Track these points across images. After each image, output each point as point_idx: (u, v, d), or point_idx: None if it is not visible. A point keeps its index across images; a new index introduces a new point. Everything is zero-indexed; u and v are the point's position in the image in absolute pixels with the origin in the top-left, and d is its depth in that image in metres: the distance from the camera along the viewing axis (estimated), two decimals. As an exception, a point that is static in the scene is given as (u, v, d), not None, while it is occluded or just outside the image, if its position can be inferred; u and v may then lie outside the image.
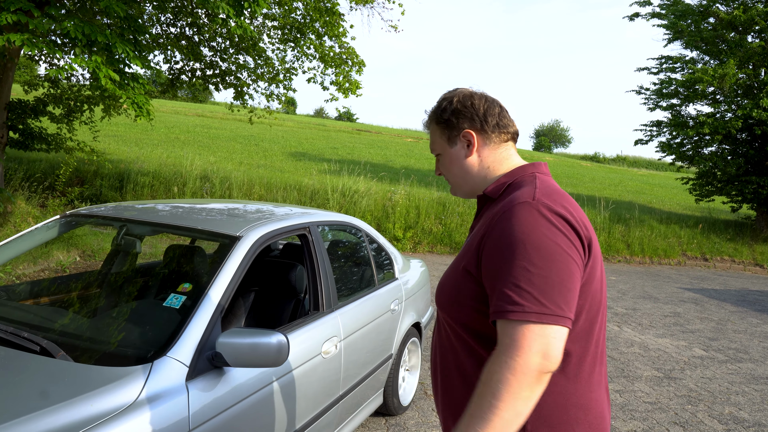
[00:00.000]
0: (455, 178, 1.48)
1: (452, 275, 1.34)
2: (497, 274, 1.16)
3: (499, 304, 1.13)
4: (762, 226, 15.63)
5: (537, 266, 1.11)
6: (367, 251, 3.49)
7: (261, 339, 1.90)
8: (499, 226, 1.20)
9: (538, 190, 1.25)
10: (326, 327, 2.66)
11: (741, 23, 14.39)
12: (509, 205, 1.23)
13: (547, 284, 1.11)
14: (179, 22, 9.25)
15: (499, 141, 1.43)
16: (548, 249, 1.13)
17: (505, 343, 1.10)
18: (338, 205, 12.19)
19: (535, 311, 1.09)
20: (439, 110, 1.47)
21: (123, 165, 12.87)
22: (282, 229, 2.65)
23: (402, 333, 3.59)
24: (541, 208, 1.18)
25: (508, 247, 1.16)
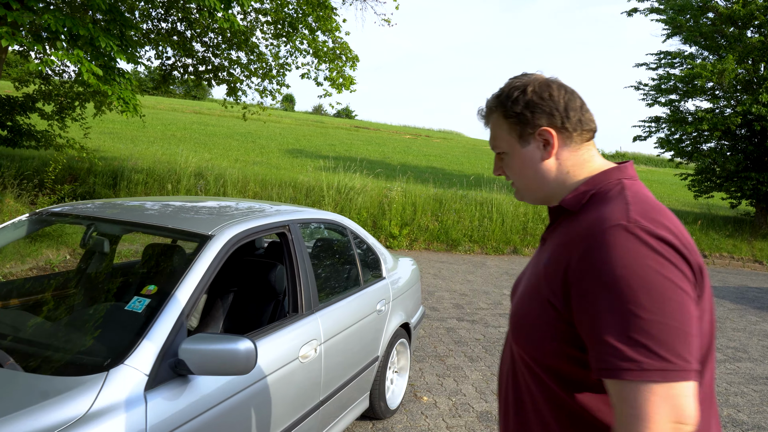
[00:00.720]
0: (527, 182, 1.24)
1: (530, 307, 1.12)
2: (598, 320, 0.95)
3: (608, 359, 0.93)
4: (761, 223, 15.51)
5: (648, 310, 0.91)
6: (352, 250, 3.37)
7: (226, 345, 1.78)
8: (591, 257, 0.99)
9: (631, 207, 1.02)
10: (305, 330, 2.54)
11: (740, 18, 14.24)
12: (598, 228, 1.01)
13: (663, 331, 0.91)
14: (170, 17, 9.11)
15: (580, 140, 1.20)
16: (658, 286, 0.93)
17: (626, 414, 0.92)
18: (334, 202, 12.07)
19: (657, 368, 0.90)
20: (508, 100, 1.20)
21: (117, 162, 12.75)
22: (258, 228, 2.53)
23: (389, 334, 3.48)
24: (639, 232, 0.97)
25: (606, 286, 0.95)
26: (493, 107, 1.24)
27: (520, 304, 1.18)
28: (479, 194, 13.35)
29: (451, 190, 13.78)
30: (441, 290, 7.68)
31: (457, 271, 9.33)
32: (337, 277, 3.27)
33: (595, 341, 0.96)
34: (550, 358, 1.07)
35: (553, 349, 1.06)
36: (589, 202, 1.13)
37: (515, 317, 1.18)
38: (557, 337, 1.05)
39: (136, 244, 7.98)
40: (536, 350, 1.10)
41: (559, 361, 1.06)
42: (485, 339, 5.60)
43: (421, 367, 4.65)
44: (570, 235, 1.08)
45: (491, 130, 1.27)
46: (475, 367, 4.75)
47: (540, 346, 1.09)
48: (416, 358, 4.85)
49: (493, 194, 13.37)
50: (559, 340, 1.05)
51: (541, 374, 1.10)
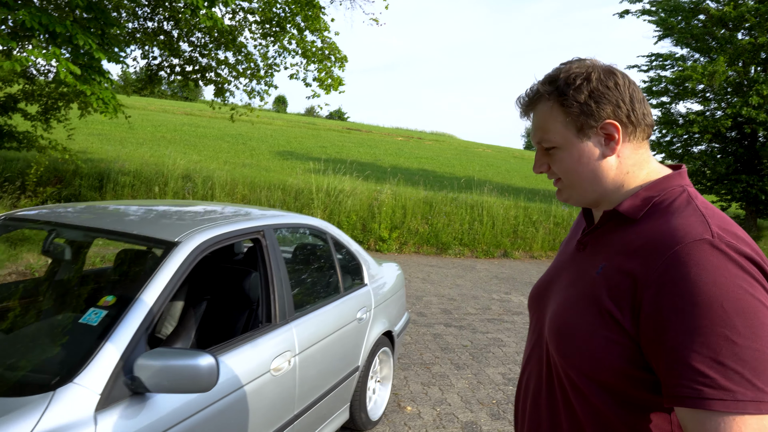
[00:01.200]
0: (580, 181, 1.10)
1: (582, 318, 1.02)
2: (682, 342, 0.86)
3: (693, 386, 0.84)
4: (751, 225, 15.52)
5: (742, 335, 0.83)
6: (332, 256, 3.26)
7: (186, 361, 1.67)
8: (676, 273, 0.89)
9: (710, 221, 0.94)
10: (278, 341, 2.42)
11: (731, 19, 14.26)
12: (679, 243, 0.91)
13: (759, 360, 0.82)
14: (157, 16, 8.97)
15: (642, 137, 1.09)
16: (752, 310, 0.84)
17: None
18: (323, 205, 11.96)
19: (751, 399, 0.81)
20: (569, 88, 1.06)
21: (104, 164, 12.58)
22: (229, 234, 2.41)
23: (371, 343, 3.36)
24: (726, 248, 0.89)
25: (695, 306, 0.86)
26: (546, 94, 1.09)
27: (565, 314, 1.07)
28: (470, 197, 13.27)
29: (442, 192, 13.69)
30: (429, 295, 7.57)
31: (447, 275, 9.23)
32: (316, 284, 3.16)
33: (675, 365, 0.87)
34: (605, 374, 0.97)
35: (616, 366, 0.96)
36: (651, 209, 1.03)
37: (562, 329, 1.06)
38: (621, 354, 0.95)
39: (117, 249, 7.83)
40: (592, 364, 0.99)
41: (614, 379, 0.97)
42: (472, 345, 5.49)
43: (406, 375, 4.54)
44: (635, 245, 0.99)
45: (538, 120, 1.12)
46: (461, 375, 4.64)
47: (598, 360, 0.98)
48: (401, 365, 4.74)
49: (483, 197, 13.29)
50: (623, 358, 0.95)
51: (589, 392, 1.00)
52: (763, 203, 15.03)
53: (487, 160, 32.23)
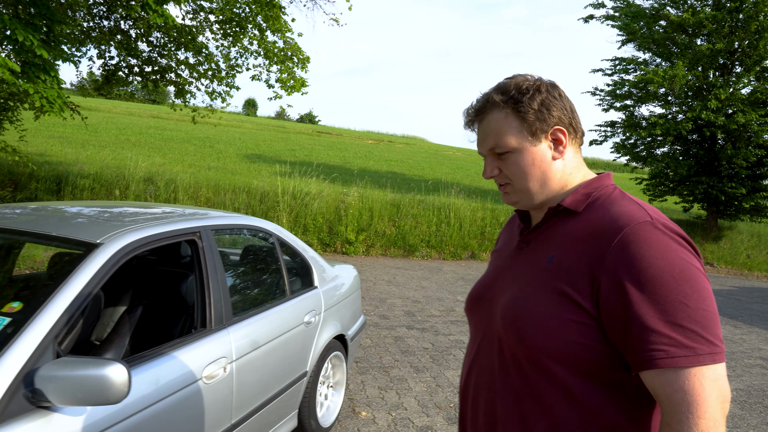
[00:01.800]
0: (531, 183, 1.19)
1: (541, 305, 1.09)
2: (644, 312, 0.97)
3: (661, 348, 0.95)
4: (712, 226, 15.87)
5: (693, 299, 0.96)
6: (278, 258, 3.14)
7: (93, 371, 1.54)
8: (628, 252, 1.00)
9: (646, 208, 1.07)
10: (212, 347, 2.30)
11: (690, 26, 14.58)
12: (626, 225, 1.03)
13: (707, 317, 0.96)
14: (113, 15, 8.72)
15: (579, 143, 1.23)
16: (695, 276, 0.98)
17: (679, 401, 0.93)
18: (289, 208, 11.80)
19: (708, 352, 0.94)
20: (523, 96, 1.16)
21: (62, 167, 12.20)
22: (160, 235, 2.28)
23: (320, 347, 3.26)
24: (664, 229, 1.02)
25: (651, 278, 0.97)
26: (501, 103, 1.18)
27: (521, 304, 1.12)
28: (437, 199, 13.25)
29: (409, 195, 13.65)
30: (393, 297, 7.49)
31: (412, 277, 9.17)
32: (259, 287, 3.04)
33: (641, 333, 0.97)
34: (572, 352, 1.05)
35: (580, 344, 1.04)
36: (590, 203, 1.15)
37: (521, 318, 1.11)
38: (584, 333, 1.04)
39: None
40: (557, 347, 1.05)
41: (581, 356, 1.04)
42: (434, 348, 5.42)
43: (363, 379, 4.44)
44: (583, 232, 1.09)
45: (492, 127, 1.19)
46: (420, 379, 4.56)
47: (562, 342, 1.05)
48: (359, 369, 4.64)
49: (451, 199, 13.28)
50: (586, 336, 1.04)
51: (557, 373, 1.06)
52: (723, 204, 15.37)
53: (457, 162, 32.35)
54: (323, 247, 11.17)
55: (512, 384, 1.13)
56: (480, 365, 1.22)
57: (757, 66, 14.46)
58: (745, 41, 14.32)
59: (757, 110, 13.96)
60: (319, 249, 11.07)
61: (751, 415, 4.51)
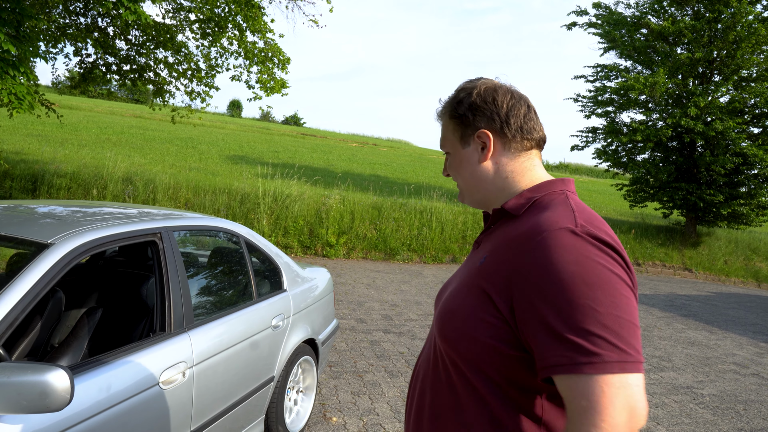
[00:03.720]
0: (465, 183, 1.26)
1: (464, 302, 1.10)
2: (552, 317, 0.94)
3: (566, 354, 0.92)
4: (691, 232, 16.05)
5: (603, 304, 0.92)
6: (245, 260, 3.08)
7: (30, 377, 1.48)
8: (539, 257, 0.98)
9: (577, 214, 1.05)
10: (170, 351, 2.23)
11: (670, 34, 14.76)
12: (545, 230, 1.01)
13: (619, 324, 0.91)
14: (90, 12, 8.58)
15: (521, 148, 1.20)
16: (611, 282, 0.94)
17: (582, 407, 0.90)
18: (270, 210, 11.69)
19: (616, 360, 0.90)
20: (454, 102, 1.24)
21: (38, 165, 11.98)
22: (116, 236, 2.21)
23: (288, 352, 3.19)
24: (586, 236, 0.99)
25: (560, 283, 0.94)
26: (443, 107, 1.28)
27: (450, 300, 1.15)
28: (419, 202, 13.24)
29: (391, 198, 13.62)
30: (372, 301, 7.44)
31: (392, 280, 9.13)
32: (224, 290, 2.97)
33: (548, 338, 0.94)
34: (480, 357, 1.05)
35: (488, 348, 1.04)
36: (532, 207, 1.13)
37: (444, 314, 1.14)
38: (492, 335, 1.03)
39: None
40: (468, 349, 1.07)
41: (489, 361, 1.04)
42: (409, 352, 5.38)
43: (336, 384, 4.38)
44: (512, 236, 1.08)
45: (441, 129, 1.30)
46: (393, 383, 4.52)
47: (472, 344, 1.06)
48: (332, 374, 4.58)
49: (433, 202, 13.27)
50: (493, 338, 1.03)
51: (469, 374, 1.07)
52: (701, 210, 15.55)
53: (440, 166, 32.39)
54: (304, 249, 11.09)
55: (438, 377, 1.15)
56: (423, 356, 1.26)
57: (734, 75, 14.67)
58: (724, 51, 14.53)
59: (735, 118, 14.15)
60: (299, 251, 10.99)
61: (723, 421, 4.53)
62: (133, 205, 3.02)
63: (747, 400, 5.11)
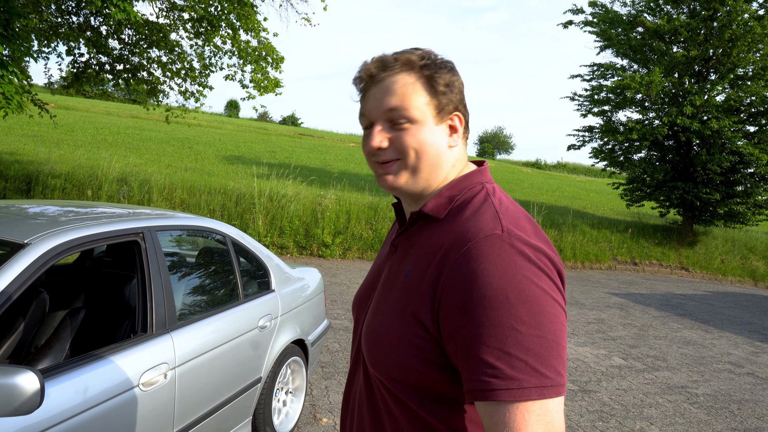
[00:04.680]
0: (423, 164, 1.03)
1: (390, 326, 0.99)
2: (473, 337, 0.86)
3: (483, 379, 0.85)
4: (687, 231, 16.05)
5: (527, 324, 0.85)
6: (231, 260, 3.04)
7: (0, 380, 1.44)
8: (464, 270, 0.90)
9: (502, 216, 0.96)
10: (151, 352, 2.20)
11: (666, 32, 14.75)
12: (471, 240, 0.92)
13: (542, 346, 0.85)
14: (83, 11, 8.54)
15: (467, 136, 1.11)
16: (535, 299, 0.86)
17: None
18: (265, 210, 11.65)
19: (535, 385, 0.83)
20: (438, 68, 1.03)
21: (33, 166, 11.93)
22: (96, 236, 2.18)
23: (276, 352, 3.16)
24: (515, 242, 0.90)
25: (483, 299, 0.86)
26: (417, 66, 1.03)
27: (374, 321, 1.04)
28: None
29: (388, 198, 13.58)
30: (366, 301, 7.40)
31: (387, 280, 9.09)
32: (210, 291, 2.93)
33: (469, 360, 0.87)
34: (414, 380, 0.96)
35: (418, 369, 0.95)
36: (454, 208, 1.03)
37: (370, 336, 1.03)
38: (423, 357, 0.94)
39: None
40: (399, 373, 0.97)
41: (424, 382, 0.95)
42: (402, 352, 5.35)
43: (327, 384, 4.35)
44: (436, 245, 0.98)
45: (395, 88, 1.02)
46: (385, 384, 4.48)
47: (403, 368, 0.96)
48: (324, 374, 4.55)
49: (429, 202, 13.22)
50: (425, 360, 0.94)
51: (403, 396, 0.98)
52: (698, 209, 15.55)
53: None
54: (299, 249, 11.06)
55: (374, 402, 1.06)
56: (356, 379, 1.15)
57: (730, 74, 14.67)
58: (719, 49, 14.52)
59: (731, 117, 14.15)
60: (295, 252, 10.96)
61: (716, 421, 4.50)
62: (119, 205, 2.99)
63: (741, 399, 5.09)
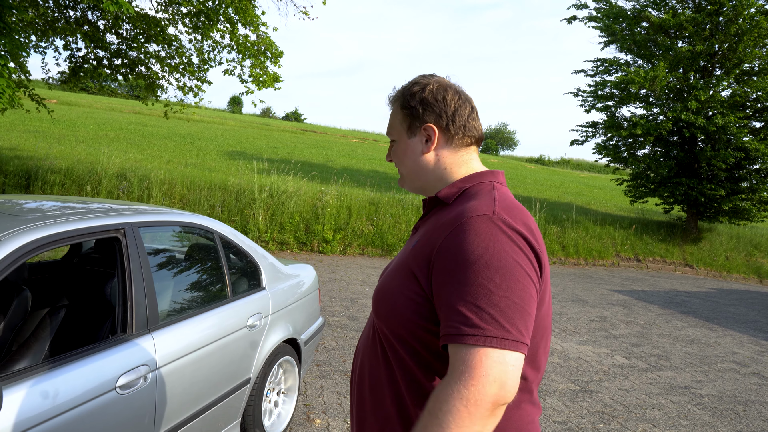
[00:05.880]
0: (407, 170, 1.37)
1: (394, 281, 1.20)
2: (453, 292, 1.04)
3: (455, 325, 1.01)
4: (691, 227, 15.90)
5: (499, 286, 1.01)
6: (219, 257, 2.95)
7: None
8: (455, 239, 1.09)
9: (497, 203, 1.15)
10: (130, 354, 2.11)
11: (671, 27, 14.57)
12: (465, 216, 1.11)
13: (509, 306, 1.00)
14: (80, 5, 8.44)
15: (461, 144, 1.32)
16: (510, 268, 1.03)
17: (459, 370, 0.98)
18: (265, 206, 11.57)
19: (497, 335, 0.98)
20: (407, 94, 1.34)
21: (32, 162, 11.87)
22: (72, 233, 2.08)
23: (266, 352, 3.07)
24: (500, 223, 1.08)
25: (465, 262, 1.04)
26: (396, 96, 1.37)
27: (385, 279, 1.25)
28: (417, 198, 13.10)
29: (389, 193, 13.48)
30: (365, 297, 7.31)
31: (387, 277, 8.99)
32: (196, 289, 2.84)
33: (447, 310, 1.04)
34: (407, 331, 1.14)
35: (412, 323, 1.13)
36: (461, 195, 1.24)
37: (378, 292, 1.24)
38: (415, 311, 1.12)
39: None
40: (396, 323, 1.16)
41: (415, 335, 1.13)
42: (400, 351, 5.25)
43: (322, 384, 4.26)
44: (441, 221, 1.17)
45: (390, 116, 1.39)
46: (382, 383, 4.39)
47: (399, 319, 1.15)
48: (320, 373, 4.46)
49: (430, 198, 13.11)
50: (416, 313, 1.12)
51: (398, 347, 1.17)
52: (702, 206, 15.40)
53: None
54: (300, 245, 10.97)
55: (374, 352, 1.24)
56: (365, 333, 1.35)
57: (736, 69, 14.49)
58: (725, 44, 14.35)
59: (736, 113, 13.98)
60: (295, 248, 10.88)
61: (721, 423, 4.40)
62: (101, 200, 2.89)
63: (747, 400, 4.98)
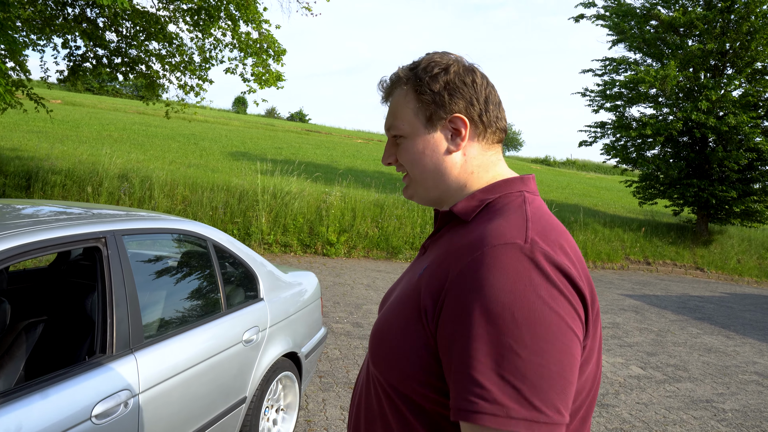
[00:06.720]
0: (423, 175, 1.04)
1: (396, 321, 0.94)
2: (466, 351, 0.78)
3: (469, 398, 0.76)
4: (702, 230, 15.60)
5: (529, 349, 0.76)
6: (212, 267, 2.74)
7: None
8: (472, 276, 0.82)
9: (531, 225, 0.88)
10: (109, 378, 1.89)
11: (681, 25, 14.30)
12: (487, 245, 0.84)
13: (542, 376, 0.75)
14: (78, 2, 8.26)
15: (492, 140, 1.05)
16: (546, 322, 0.77)
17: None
18: (268, 207, 11.37)
19: (524, 417, 0.74)
20: (426, 74, 1.02)
21: (33, 162, 11.72)
22: (45, 242, 1.87)
23: (263, 368, 2.85)
24: (537, 256, 0.81)
25: (486, 313, 0.78)
26: (403, 80, 1.04)
27: (385, 315, 0.98)
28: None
29: (394, 195, 13.26)
30: (370, 303, 7.09)
31: (393, 281, 8.77)
32: (186, 302, 2.62)
33: (459, 375, 0.79)
34: (408, 387, 0.89)
35: (414, 376, 0.88)
36: (484, 210, 0.97)
37: (377, 334, 0.98)
38: (420, 365, 0.87)
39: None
40: (396, 377, 0.91)
41: (417, 392, 0.88)
42: (407, 360, 5.03)
43: (325, 397, 4.04)
44: (457, 244, 0.91)
45: (392, 105, 1.06)
46: (387, 396, 4.17)
47: (399, 373, 0.90)
48: (322, 386, 4.24)
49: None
50: (423, 369, 0.87)
51: (398, 402, 0.92)
52: (713, 207, 15.11)
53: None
54: (303, 248, 10.77)
55: (370, 405, 1.01)
56: (361, 375, 1.11)
57: (748, 68, 14.20)
58: (737, 42, 14.06)
59: (749, 112, 13.69)
60: (299, 250, 10.67)
61: (746, 438, 4.16)
62: (82, 204, 2.68)
63: (771, 413, 4.73)
